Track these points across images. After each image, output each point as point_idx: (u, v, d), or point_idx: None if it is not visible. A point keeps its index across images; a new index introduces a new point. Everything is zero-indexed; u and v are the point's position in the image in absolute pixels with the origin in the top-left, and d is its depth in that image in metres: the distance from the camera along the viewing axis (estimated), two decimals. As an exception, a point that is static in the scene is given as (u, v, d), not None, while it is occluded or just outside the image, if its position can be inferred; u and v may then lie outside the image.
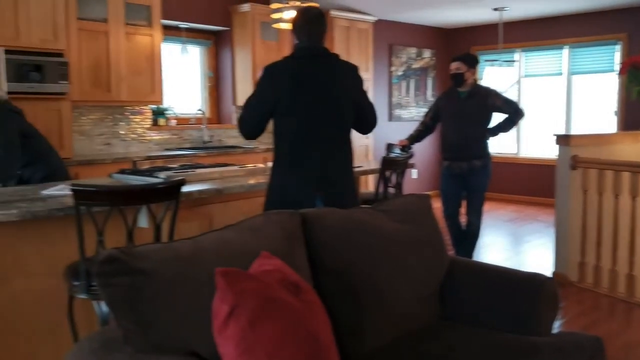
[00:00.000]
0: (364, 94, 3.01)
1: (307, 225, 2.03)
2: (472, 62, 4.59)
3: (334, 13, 7.02)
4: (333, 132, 2.88)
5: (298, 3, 4.92)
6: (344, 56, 3.06)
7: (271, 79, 2.82)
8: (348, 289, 2.00)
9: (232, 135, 6.76)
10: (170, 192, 2.46)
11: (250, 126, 2.90)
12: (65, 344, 2.73)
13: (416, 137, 4.89)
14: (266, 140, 7.06)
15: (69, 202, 2.59)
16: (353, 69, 2.97)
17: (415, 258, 2.24)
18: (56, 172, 3.57)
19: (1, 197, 2.81)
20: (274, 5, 4.90)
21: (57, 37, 4.83)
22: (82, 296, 2.38)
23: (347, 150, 2.96)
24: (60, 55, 4.84)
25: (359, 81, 2.98)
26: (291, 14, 4.89)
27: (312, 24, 2.89)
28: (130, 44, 5.47)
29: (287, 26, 5.07)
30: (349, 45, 7.25)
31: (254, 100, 2.87)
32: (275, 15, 4.92)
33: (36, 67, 4.67)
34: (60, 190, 2.98)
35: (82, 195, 2.32)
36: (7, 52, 4.40)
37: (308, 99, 2.80)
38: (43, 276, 2.69)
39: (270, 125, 2.93)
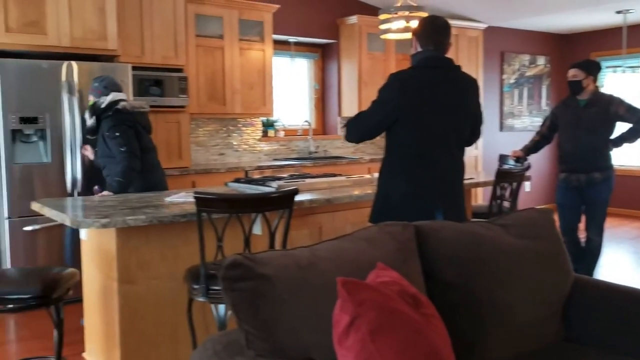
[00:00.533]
0: (479, 106, 2.99)
1: (422, 238, 2.00)
2: (591, 69, 4.33)
3: (442, 22, 6.90)
4: (452, 144, 2.85)
5: (407, 13, 4.88)
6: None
7: (398, 86, 2.80)
8: (465, 304, 1.94)
9: (337, 146, 6.84)
10: (284, 201, 2.52)
11: (364, 128, 2.90)
12: (184, 345, 2.87)
13: (532, 148, 4.67)
14: (370, 150, 7.14)
15: (190, 209, 2.74)
16: (474, 82, 2.95)
17: (537, 275, 2.13)
18: (154, 187, 3.72)
19: (129, 204, 3.01)
20: (383, 16, 4.89)
21: (177, 53, 5.14)
22: (201, 299, 2.49)
23: (462, 162, 2.94)
24: (180, 70, 5.14)
25: (477, 94, 2.97)
26: (400, 24, 4.86)
27: (439, 33, 2.87)
28: (244, 59, 5.70)
29: (396, 37, 5.05)
30: (458, 54, 7.10)
31: (376, 106, 2.86)
32: (383, 26, 4.91)
33: (158, 82, 4.99)
34: (182, 198, 3.15)
35: (204, 202, 2.43)
36: (133, 68, 4.74)
37: (432, 109, 2.78)
38: (165, 279, 2.85)
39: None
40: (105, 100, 3.64)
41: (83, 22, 4.41)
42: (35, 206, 3.05)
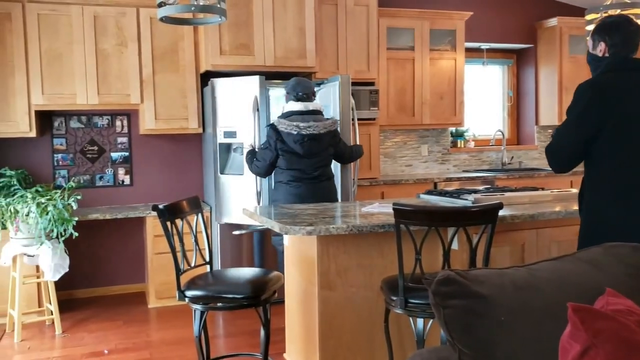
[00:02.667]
0: None
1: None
2: None
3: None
4: None
5: (618, 11, 4.44)
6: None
7: (597, 97, 2.49)
8: None
9: (533, 157, 6.44)
10: (488, 215, 2.42)
11: (564, 155, 2.59)
12: (380, 354, 2.90)
13: None
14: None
15: (387, 220, 2.76)
16: None
17: None
18: (293, 198, 3.79)
19: (329, 212, 3.14)
20: (590, 16, 4.50)
21: (369, 67, 5.26)
22: (399, 311, 2.49)
23: None
24: (372, 84, 5.26)
25: None
26: (610, 23, 4.43)
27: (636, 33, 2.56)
28: (434, 69, 5.65)
29: (605, 37, 4.60)
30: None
31: (572, 125, 2.55)
32: (590, 27, 4.52)
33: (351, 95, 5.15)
34: (376, 208, 3.20)
35: (403, 214, 2.43)
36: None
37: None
38: (361, 288, 2.91)
39: None
40: (283, 109, 3.86)
41: (285, 42, 4.74)
42: (247, 213, 3.32)
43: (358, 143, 4.62)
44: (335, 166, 4.27)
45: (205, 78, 4.81)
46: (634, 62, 2.53)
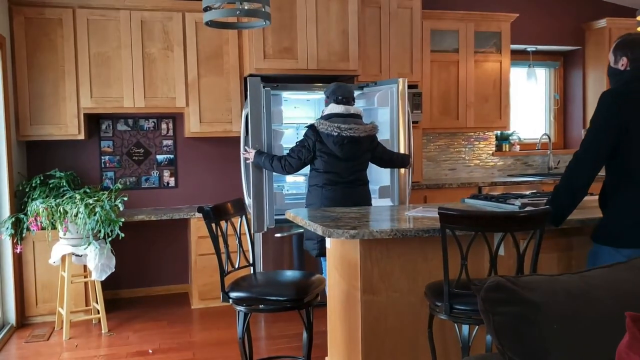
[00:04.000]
0: None
1: None
2: None
3: None
4: None
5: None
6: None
7: (620, 104, 2.55)
8: None
9: (580, 162, 6.26)
10: (536, 221, 2.36)
11: (588, 161, 2.61)
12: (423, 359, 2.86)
13: None
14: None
15: (431, 224, 2.72)
16: None
17: None
18: (327, 202, 3.78)
19: (371, 216, 3.12)
20: (643, 16, 4.37)
21: (412, 70, 5.21)
22: (444, 317, 2.45)
23: None
24: (415, 87, 5.21)
25: None
26: (664, 23, 4.29)
27: None
28: (479, 71, 5.56)
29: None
30: None
31: (598, 132, 2.60)
32: (643, 28, 4.38)
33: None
34: (420, 212, 3.16)
35: (448, 218, 2.39)
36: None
37: None
38: (404, 292, 2.87)
39: None
40: (323, 111, 3.88)
41: (328, 45, 4.74)
42: (289, 215, 3.33)
43: (406, 152, 4.53)
44: (377, 169, 4.26)
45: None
46: None
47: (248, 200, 4.42)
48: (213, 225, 2.81)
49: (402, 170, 4.43)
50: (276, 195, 4.46)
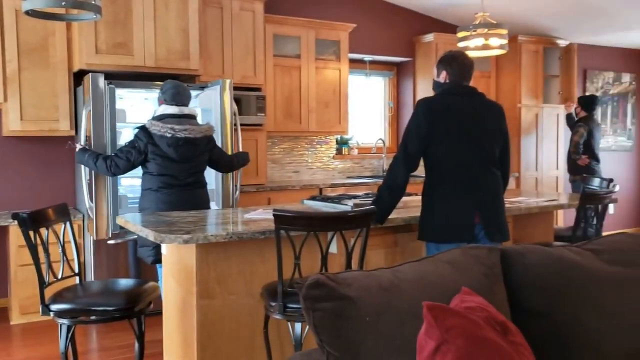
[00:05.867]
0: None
1: (507, 262, 1.91)
2: None
3: (522, 38, 6.72)
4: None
5: (485, 30, 4.79)
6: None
7: (428, 112, 2.95)
8: (553, 334, 1.83)
9: (412, 165, 6.75)
10: (362, 219, 2.49)
11: (410, 161, 2.99)
12: (259, 361, 2.88)
13: None
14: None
15: (268, 226, 2.76)
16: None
17: (631, 304, 1.98)
18: (165, 206, 3.63)
19: (209, 220, 3.08)
20: (461, 34, 4.82)
21: (256, 73, 5.26)
22: (278, 317, 2.49)
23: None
24: (258, 89, 5.25)
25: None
26: (478, 42, 4.77)
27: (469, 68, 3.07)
28: (320, 78, 5.76)
29: (474, 54, 4.94)
30: (537, 71, 6.86)
31: (412, 134, 2.98)
32: (461, 44, 4.83)
33: (237, 100, 5.09)
34: (259, 215, 3.19)
35: (282, 219, 2.45)
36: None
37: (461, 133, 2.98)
38: (242, 295, 2.88)
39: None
40: (155, 112, 3.72)
41: (167, 43, 4.60)
42: (120, 221, 3.17)
43: (241, 150, 4.57)
44: (212, 172, 4.21)
45: (79, 77, 4.55)
46: (465, 88, 3.05)
47: (90, 204, 4.13)
48: (31, 233, 2.58)
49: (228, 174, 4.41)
50: (121, 199, 4.23)
